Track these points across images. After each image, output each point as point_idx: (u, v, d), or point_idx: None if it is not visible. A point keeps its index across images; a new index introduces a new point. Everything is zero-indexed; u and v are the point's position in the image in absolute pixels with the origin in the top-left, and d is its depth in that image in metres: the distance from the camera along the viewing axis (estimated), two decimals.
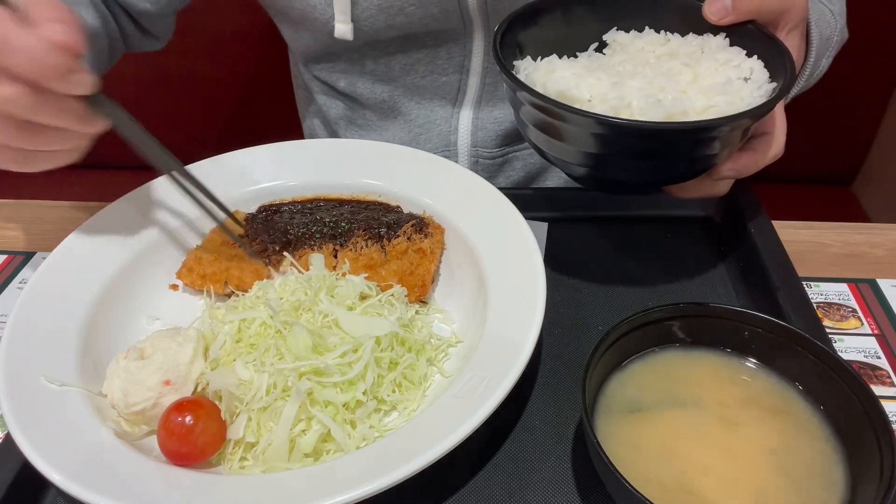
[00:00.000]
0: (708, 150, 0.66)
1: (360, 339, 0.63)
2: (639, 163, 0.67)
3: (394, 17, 0.89)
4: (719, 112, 0.65)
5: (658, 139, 0.64)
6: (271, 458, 0.58)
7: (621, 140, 0.64)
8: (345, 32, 0.90)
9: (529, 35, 0.76)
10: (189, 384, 0.63)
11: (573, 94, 0.67)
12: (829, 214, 0.88)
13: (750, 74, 0.69)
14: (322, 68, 1.03)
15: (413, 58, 0.96)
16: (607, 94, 0.66)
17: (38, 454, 0.55)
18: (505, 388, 0.58)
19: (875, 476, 0.51)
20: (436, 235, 0.76)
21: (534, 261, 0.69)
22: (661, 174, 0.71)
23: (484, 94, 0.99)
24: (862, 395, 0.55)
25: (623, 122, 0.62)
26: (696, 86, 0.68)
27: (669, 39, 0.76)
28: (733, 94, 0.66)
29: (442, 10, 0.89)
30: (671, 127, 0.63)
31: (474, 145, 1.03)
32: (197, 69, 1.61)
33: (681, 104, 0.65)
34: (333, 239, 0.76)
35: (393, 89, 1.00)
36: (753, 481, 0.53)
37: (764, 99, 0.67)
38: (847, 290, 0.82)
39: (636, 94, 0.65)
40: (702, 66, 0.70)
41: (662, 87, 0.66)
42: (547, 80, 0.69)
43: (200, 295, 0.75)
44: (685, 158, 0.67)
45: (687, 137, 0.64)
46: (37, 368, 0.62)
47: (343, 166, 0.84)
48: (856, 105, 1.61)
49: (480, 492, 0.60)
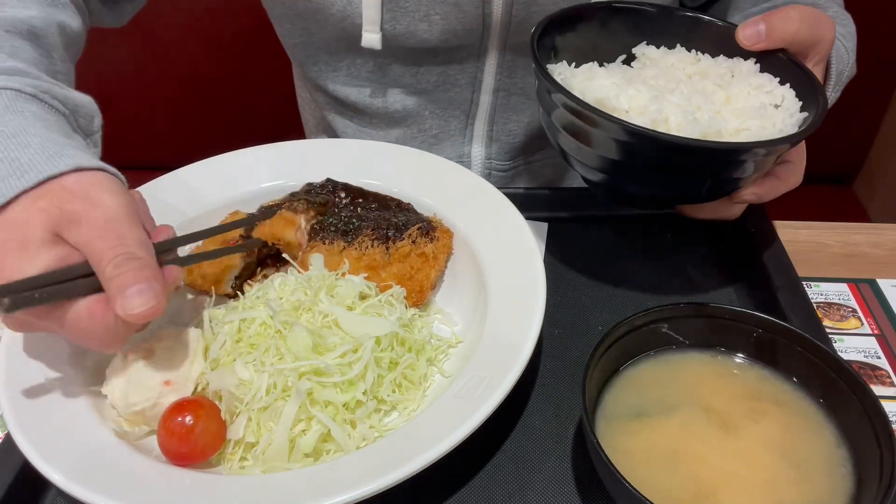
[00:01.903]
0: (740, 172, 0.66)
1: (360, 339, 0.63)
2: (668, 178, 0.68)
3: (417, 24, 0.87)
4: (751, 136, 0.65)
5: (697, 156, 0.64)
6: (271, 458, 0.58)
7: (657, 154, 0.64)
8: (373, 42, 0.87)
9: (566, 39, 0.76)
10: (189, 384, 0.62)
11: (612, 104, 0.67)
12: (829, 214, 0.88)
13: (781, 102, 0.70)
14: (321, 70, 1.00)
15: (424, 68, 0.94)
16: (647, 106, 0.66)
17: (38, 454, 0.55)
18: (505, 388, 0.58)
19: (875, 476, 0.51)
20: (442, 239, 0.75)
21: (534, 261, 0.69)
22: (687, 192, 0.71)
23: (498, 109, 0.98)
24: (862, 395, 0.55)
25: (667, 136, 0.62)
26: (729, 107, 0.69)
27: (700, 59, 0.76)
28: (766, 119, 0.67)
29: (465, 27, 0.87)
30: (713, 146, 0.63)
31: (488, 158, 1.02)
32: (197, 69, 1.61)
33: (716, 124, 0.65)
34: (345, 235, 0.76)
35: (405, 99, 0.98)
36: (764, 479, 0.54)
37: (796, 127, 0.67)
38: (847, 290, 0.82)
39: (675, 110, 0.65)
40: (734, 88, 0.71)
41: (699, 106, 0.67)
42: (586, 87, 0.69)
43: (200, 295, 0.75)
44: (716, 178, 0.67)
45: (727, 158, 0.64)
46: (37, 368, 0.62)
47: (343, 167, 0.84)
48: (856, 105, 1.61)
49: (480, 492, 0.60)
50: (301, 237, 0.75)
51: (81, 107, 0.67)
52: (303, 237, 0.75)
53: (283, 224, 0.75)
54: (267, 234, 0.75)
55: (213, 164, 0.83)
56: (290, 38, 0.99)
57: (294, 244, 0.75)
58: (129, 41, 1.55)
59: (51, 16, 0.74)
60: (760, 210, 0.85)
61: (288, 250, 0.75)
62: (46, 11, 0.74)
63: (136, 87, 1.64)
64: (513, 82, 0.96)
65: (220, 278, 0.74)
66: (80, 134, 0.66)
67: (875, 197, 1.71)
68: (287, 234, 0.75)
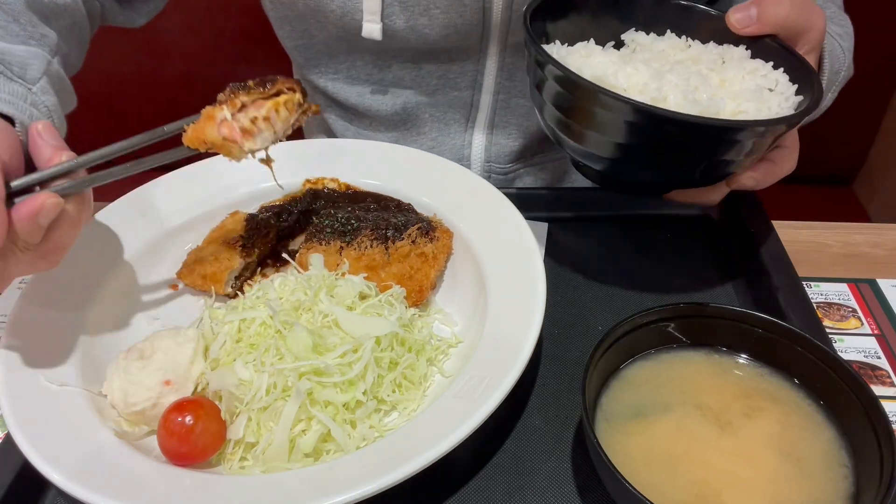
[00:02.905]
0: (736, 152, 0.66)
1: (360, 339, 0.63)
2: (665, 159, 0.67)
3: (417, 18, 0.86)
4: (749, 117, 0.65)
5: (697, 134, 0.64)
6: (271, 458, 0.58)
7: (658, 131, 0.64)
8: (373, 32, 0.87)
9: (557, 26, 0.76)
10: (189, 384, 0.63)
11: (610, 82, 0.67)
12: (829, 214, 0.88)
13: (775, 86, 0.70)
14: (321, 73, 1.00)
15: (424, 69, 0.94)
16: (647, 84, 0.66)
17: (38, 454, 0.55)
18: (505, 388, 0.58)
19: (875, 476, 0.51)
20: (442, 240, 0.75)
21: (534, 261, 0.69)
22: (682, 174, 0.70)
23: (497, 111, 0.98)
24: (862, 395, 0.55)
25: (672, 113, 0.62)
26: (726, 90, 0.69)
27: (690, 45, 0.76)
28: (762, 101, 0.67)
29: (465, 22, 0.87)
30: (716, 123, 0.63)
31: (487, 161, 1.02)
32: (197, 69, 1.61)
33: (715, 105, 0.65)
34: (343, 236, 0.76)
35: (405, 101, 0.98)
36: (765, 478, 0.54)
37: (792, 109, 0.67)
38: (847, 290, 0.82)
39: (673, 89, 0.65)
40: (728, 72, 0.71)
41: (697, 87, 0.67)
42: (583, 64, 0.69)
43: (200, 295, 0.75)
44: (713, 158, 0.67)
45: (727, 136, 0.64)
46: (37, 368, 0.62)
47: (343, 166, 0.84)
48: (856, 105, 1.61)
49: (480, 492, 0.60)
50: (230, 132, 0.62)
51: (8, 55, 0.67)
52: (232, 131, 0.62)
53: (203, 123, 0.62)
54: (191, 141, 0.62)
55: (213, 163, 0.83)
56: (291, 40, 0.99)
57: (219, 143, 0.61)
58: (129, 41, 1.55)
59: None
60: (760, 210, 0.85)
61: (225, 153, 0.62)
62: None
63: (136, 87, 1.64)
64: (513, 84, 0.95)
65: (220, 278, 0.74)
66: (17, 81, 0.66)
67: (875, 197, 1.71)
68: (208, 133, 0.61)
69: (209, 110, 0.62)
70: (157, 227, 0.77)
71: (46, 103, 0.68)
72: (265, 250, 0.78)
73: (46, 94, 0.69)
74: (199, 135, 0.61)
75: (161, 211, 0.78)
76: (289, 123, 0.65)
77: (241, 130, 0.62)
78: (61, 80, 0.75)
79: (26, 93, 0.66)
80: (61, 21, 0.80)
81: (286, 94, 0.64)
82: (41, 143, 0.59)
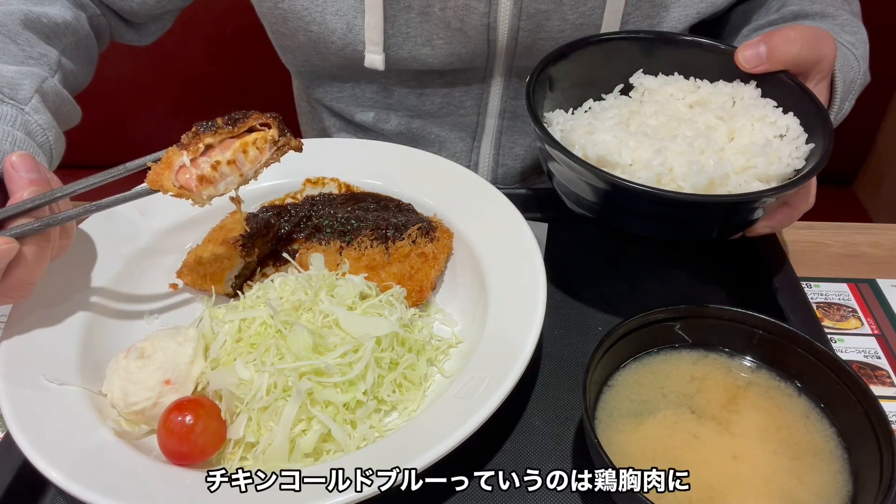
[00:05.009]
0: (748, 215, 0.66)
1: (360, 339, 0.63)
2: (679, 228, 0.68)
3: (420, 48, 0.86)
4: (758, 173, 0.65)
5: (705, 209, 0.64)
6: (271, 458, 0.58)
7: (666, 210, 0.65)
8: (376, 62, 0.87)
9: (560, 69, 0.75)
10: (189, 384, 0.62)
11: (615, 160, 0.67)
12: (829, 214, 0.88)
13: (786, 132, 0.69)
14: (326, 93, 1.00)
15: (429, 92, 0.94)
16: (650, 160, 0.65)
17: (37, 454, 0.55)
18: (505, 388, 0.58)
19: (875, 476, 0.51)
20: (442, 240, 0.75)
21: (534, 261, 0.69)
22: (697, 235, 0.72)
23: (504, 133, 0.98)
24: (862, 395, 0.55)
25: (672, 194, 0.62)
26: (734, 145, 0.68)
27: (699, 87, 0.75)
28: (772, 154, 0.66)
29: (469, 52, 0.87)
30: (719, 200, 0.63)
31: (493, 181, 1.02)
32: (197, 69, 1.61)
33: (722, 167, 0.64)
34: (342, 236, 0.76)
35: (410, 122, 0.98)
36: (765, 478, 0.54)
37: (803, 160, 0.67)
38: (847, 290, 0.82)
39: (678, 159, 0.65)
40: (737, 122, 0.70)
41: (702, 150, 0.66)
42: (587, 141, 0.69)
43: (200, 295, 0.75)
44: (725, 224, 0.68)
45: (734, 208, 0.65)
46: (37, 368, 0.62)
47: (343, 166, 0.84)
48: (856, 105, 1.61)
49: (481, 492, 0.60)
50: (186, 182, 0.59)
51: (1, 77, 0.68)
52: (188, 181, 0.59)
53: (162, 167, 0.59)
54: (152, 183, 0.60)
55: None
56: (294, 66, 0.99)
57: (175, 192, 0.59)
58: None
59: (18, 8, 0.76)
60: None
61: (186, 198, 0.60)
62: (15, 5, 0.76)
63: (136, 87, 1.63)
64: (518, 104, 0.95)
65: (220, 278, 0.74)
66: (8, 103, 0.67)
67: (875, 197, 1.71)
68: (164, 181, 0.58)
69: (170, 154, 0.59)
70: (157, 227, 0.77)
71: (39, 122, 0.69)
72: (265, 250, 0.78)
73: (39, 113, 0.70)
74: (158, 178, 0.59)
75: (161, 211, 0.78)
76: (259, 163, 0.62)
77: (200, 178, 0.59)
78: (59, 96, 0.76)
79: (17, 114, 0.67)
80: (64, 40, 0.81)
81: (258, 132, 0.61)
82: (13, 176, 0.59)
